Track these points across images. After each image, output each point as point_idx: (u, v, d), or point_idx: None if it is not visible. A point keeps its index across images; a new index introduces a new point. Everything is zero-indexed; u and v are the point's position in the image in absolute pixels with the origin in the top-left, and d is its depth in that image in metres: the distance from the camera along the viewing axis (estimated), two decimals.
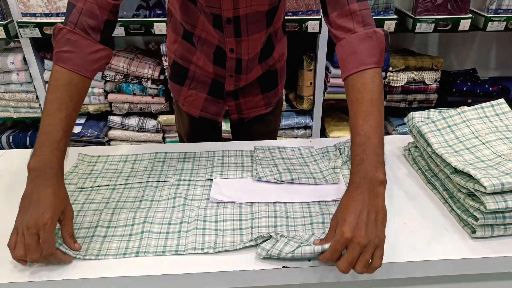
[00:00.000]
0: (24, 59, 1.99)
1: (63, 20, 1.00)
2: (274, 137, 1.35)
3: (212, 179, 0.95)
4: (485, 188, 0.73)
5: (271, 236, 0.74)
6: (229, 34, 0.99)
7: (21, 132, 2.22)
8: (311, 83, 2.13)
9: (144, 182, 0.94)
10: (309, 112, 2.26)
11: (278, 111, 1.32)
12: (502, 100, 0.93)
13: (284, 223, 0.81)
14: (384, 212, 0.70)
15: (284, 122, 2.19)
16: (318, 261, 0.72)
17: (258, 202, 0.87)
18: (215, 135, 1.26)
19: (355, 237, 0.66)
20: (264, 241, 0.75)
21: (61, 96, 0.78)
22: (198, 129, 1.24)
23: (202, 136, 1.20)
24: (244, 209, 0.86)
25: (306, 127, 2.27)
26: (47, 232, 0.68)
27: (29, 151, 1.12)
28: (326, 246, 0.69)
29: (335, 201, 0.87)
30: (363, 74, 0.79)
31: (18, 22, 1.86)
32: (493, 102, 0.93)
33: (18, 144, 2.20)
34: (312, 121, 2.23)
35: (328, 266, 0.72)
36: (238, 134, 1.28)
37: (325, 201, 0.87)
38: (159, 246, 0.77)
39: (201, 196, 0.90)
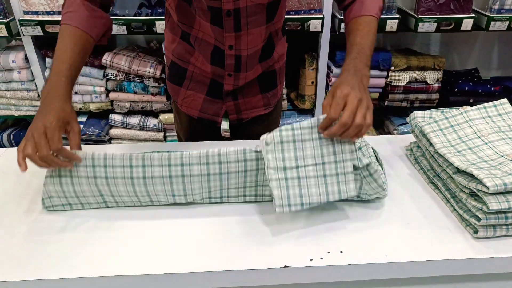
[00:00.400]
0: (26, 57, 1.99)
1: None
2: None
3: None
4: (487, 188, 0.72)
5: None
6: (229, 28, 0.99)
7: (22, 130, 2.22)
8: (312, 82, 2.13)
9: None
10: (310, 112, 2.26)
11: (278, 112, 1.32)
12: (505, 100, 0.93)
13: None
14: (369, 98, 0.81)
15: (285, 121, 2.19)
16: (318, 131, 0.79)
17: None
18: (214, 136, 1.26)
19: (352, 92, 0.77)
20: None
21: (66, 44, 0.89)
22: (197, 130, 1.24)
23: (201, 137, 1.20)
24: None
25: None
26: (52, 130, 0.77)
27: None
28: (321, 117, 0.77)
29: None
30: (366, 17, 0.96)
31: (20, 20, 1.86)
32: (496, 102, 0.93)
33: (19, 142, 2.18)
34: None
35: (331, 266, 0.72)
36: (237, 135, 1.28)
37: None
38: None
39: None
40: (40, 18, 1.87)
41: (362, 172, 0.82)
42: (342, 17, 1.91)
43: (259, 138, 1.18)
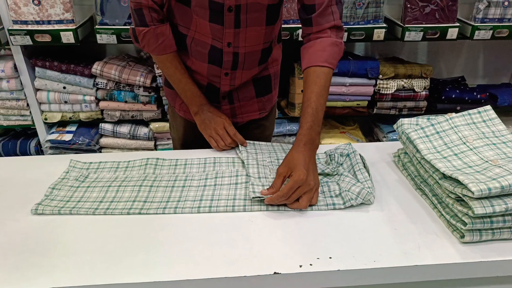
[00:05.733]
0: (15, 67, 1.97)
1: (54, 28, 1.45)
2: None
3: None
4: (472, 193, 0.74)
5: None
6: (229, 25, 1.03)
7: (11, 140, 2.20)
8: (302, 91, 2.15)
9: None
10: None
11: (273, 117, 1.36)
12: (488, 107, 0.95)
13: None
14: (316, 167, 0.96)
15: (276, 130, 2.20)
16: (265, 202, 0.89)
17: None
18: None
19: (308, 179, 0.88)
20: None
21: (177, 67, 1.14)
22: (194, 133, 1.26)
23: (198, 140, 1.22)
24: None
25: None
26: (230, 124, 1.15)
27: (19, 159, 1.12)
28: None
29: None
30: (324, 69, 1.01)
31: (9, 30, 1.85)
32: (480, 109, 0.95)
33: (8, 152, 2.17)
34: None
35: (320, 272, 0.73)
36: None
37: None
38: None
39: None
40: (30, 27, 1.86)
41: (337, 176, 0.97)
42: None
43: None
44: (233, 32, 1.04)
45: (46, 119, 2.11)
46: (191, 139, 1.28)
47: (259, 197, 0.89)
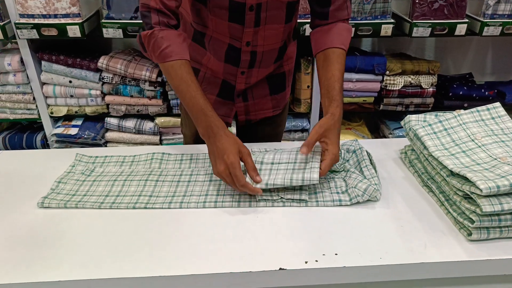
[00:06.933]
0: (21, 60, 1.98)
1: (60, 22, 1.16)
2: (279, 138, 1.39)
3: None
4: (481, 190, 0.73)
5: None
6: (249, 24, 1.02)
7: (17, 133, 2.21)
8: (308, 86, 2.14)
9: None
10: (306, 115, 2.27)
11: (285, 114, 1.36)
12: (497, 104, 0.94)
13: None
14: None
15: None
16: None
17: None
18: None
19: (338, 156, 0.93)
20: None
21: (185, 78, 0.94)
22: None
23: None
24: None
25: (303, 130, 2.27)
26: (235, 169, 0.86)
27: (25, 153, 1.13)
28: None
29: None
30: (340, 50, 1.06)
31: (15, 23, 1.85)
32: (489, 106, 0.94)
33: (14, 145, 2.19)
34: (309, 124, 2.24)
35: (326, 268, 0.72)
36: (245, 135, 1.30)
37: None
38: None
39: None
40: (36, 21, 1.87)
41: (346, 171, 0.96)
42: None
43: (266, 138, 1.24)
44: (252, 31, 1.03)
45: (52, 113, 2.12)
46: None
47: (265, 199, 0.89)
